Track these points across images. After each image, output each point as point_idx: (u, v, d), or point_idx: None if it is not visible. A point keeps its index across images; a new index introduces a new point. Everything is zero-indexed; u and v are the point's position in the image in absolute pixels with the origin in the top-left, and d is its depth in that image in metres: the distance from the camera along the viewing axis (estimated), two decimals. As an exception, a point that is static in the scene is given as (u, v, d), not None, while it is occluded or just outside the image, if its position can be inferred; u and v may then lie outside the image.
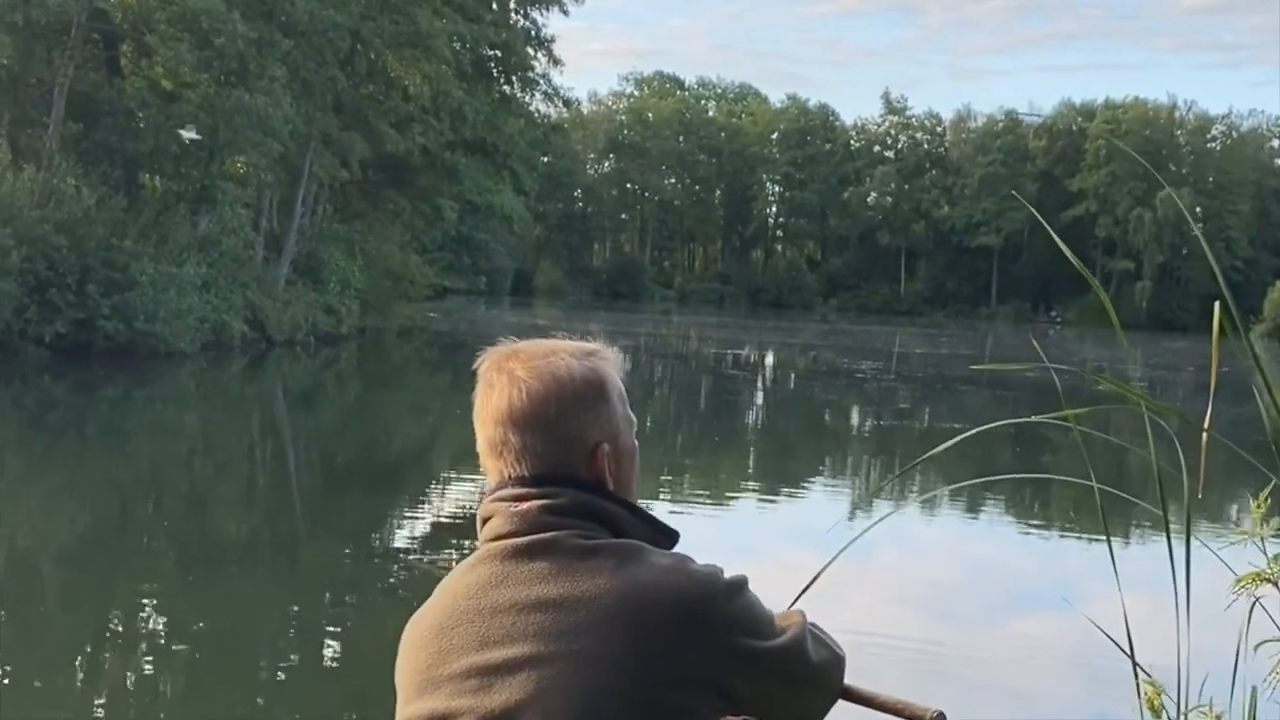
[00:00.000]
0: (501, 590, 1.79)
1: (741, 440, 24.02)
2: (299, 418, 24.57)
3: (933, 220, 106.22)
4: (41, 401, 23.41)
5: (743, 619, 1.80)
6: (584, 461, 1.87)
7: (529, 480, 1.86)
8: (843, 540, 2.98)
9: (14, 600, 9.97)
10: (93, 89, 31.61)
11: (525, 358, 1.89)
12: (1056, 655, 9.50)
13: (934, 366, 45.58)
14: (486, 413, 1.88)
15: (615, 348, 1.99)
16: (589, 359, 1.91)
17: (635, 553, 1.80)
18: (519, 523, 1.83)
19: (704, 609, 1.76)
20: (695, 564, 1.83)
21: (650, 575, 1.77)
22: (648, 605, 1.74)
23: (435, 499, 16.09)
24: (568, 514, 1.83)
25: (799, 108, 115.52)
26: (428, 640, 1.83)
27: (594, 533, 1.82)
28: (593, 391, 1.89)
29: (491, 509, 1.87)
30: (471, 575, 1.84)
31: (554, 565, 1.78)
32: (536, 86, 49.95)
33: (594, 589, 1.75)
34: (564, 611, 1.74)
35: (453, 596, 1.84)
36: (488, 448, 1.89)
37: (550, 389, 1.85)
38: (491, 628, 1.78)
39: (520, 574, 1.79)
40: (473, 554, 1.87)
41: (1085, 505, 16.23)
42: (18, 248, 25.95)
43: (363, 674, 8.49)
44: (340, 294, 39.80)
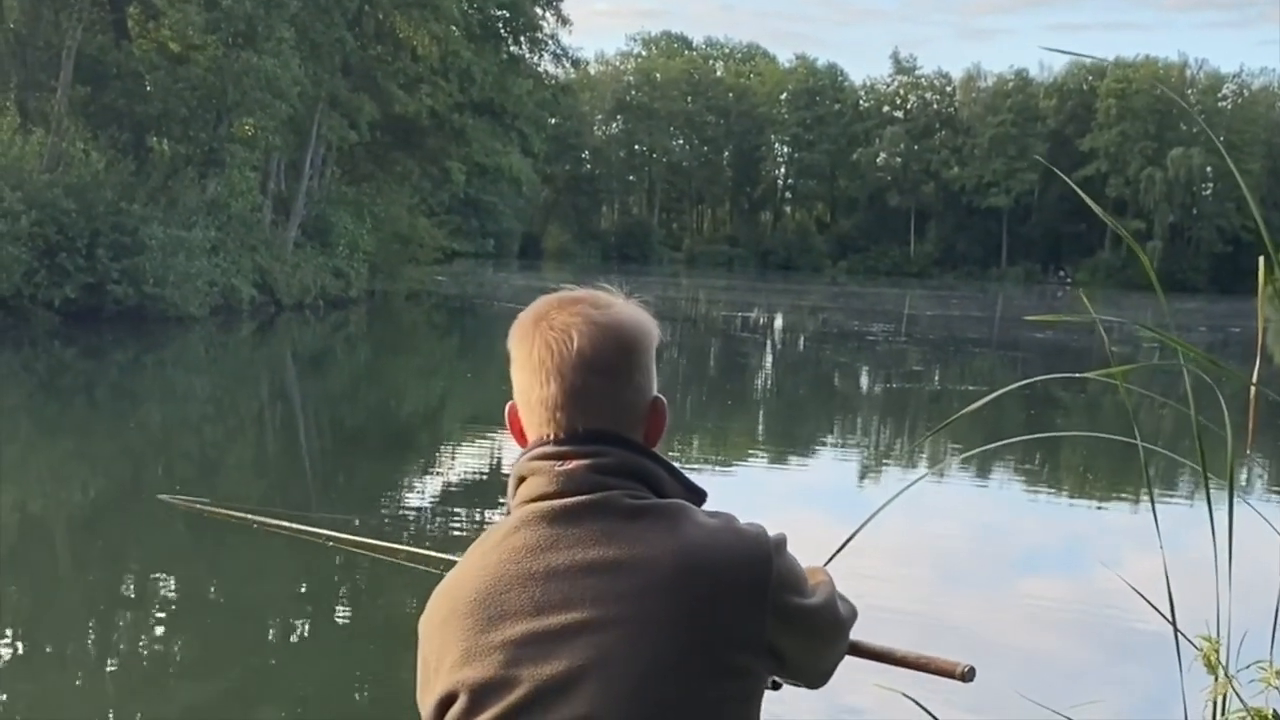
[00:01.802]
0: (552, 554, 1.74)
1: (752, 403, 23.99)
2: (308, 381, 24.57)
3: (942, 181, 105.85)
4: (51, 366, 23.43)
5: (790, 577, 1.79)
6: (641, 416, 1.85)
7: (574, 438, 1.81)
8: (859, 501, 2.94)
9: (25, 565, 9.99)
10: (100, 52, 31.52)
11: (588, 306, 1.84)
12: (1075, 618, 9.49)
13: (945, 328, 45.50)
14: (539, 363, 1.82)
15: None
16: (641, 312, 1.88)
17: (683, 513, 1.77)
18: (565, 483, 1.78)
19: (760, 569, 1.74)
20: (741, 523, 1.81)
21: (704, 536, 1.74)
22: (706, 566, 1.71)
23: (445, 463, 16.09)
24: (614, 473, 1.79)
25: (807, 68, 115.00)
26: (473, 607, 1.76)
27: (640, 493, 1.79)
28: (650, 344, 1.86)
29: (531, 468, 1.82)
30: (517, 539, 1.77)
31: (605, 527, 1.74)
32: (545, 47, 49.77)
33: (650, 551, 1.71)
34: (620, 574, 1.71)
35: (497, 562, 1.77)
36: (537, 401, 1.83)
37: (621, 339, 1.82)
38: (546, 592, 1.72)
39: (570, 536, 1.74)
40: (511, 516, 1.81)
41: (1099, 466, 16.24)
42: (27, 212, 25.94)
43: (372, 641, 8.51)
44: (349, 257, 39.79)
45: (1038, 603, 9.99)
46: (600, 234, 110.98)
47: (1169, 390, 2.94)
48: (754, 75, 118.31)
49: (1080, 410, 20.85)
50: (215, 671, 7.77)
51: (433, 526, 11.97)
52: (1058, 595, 10.16)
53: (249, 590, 9.46)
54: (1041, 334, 40.56)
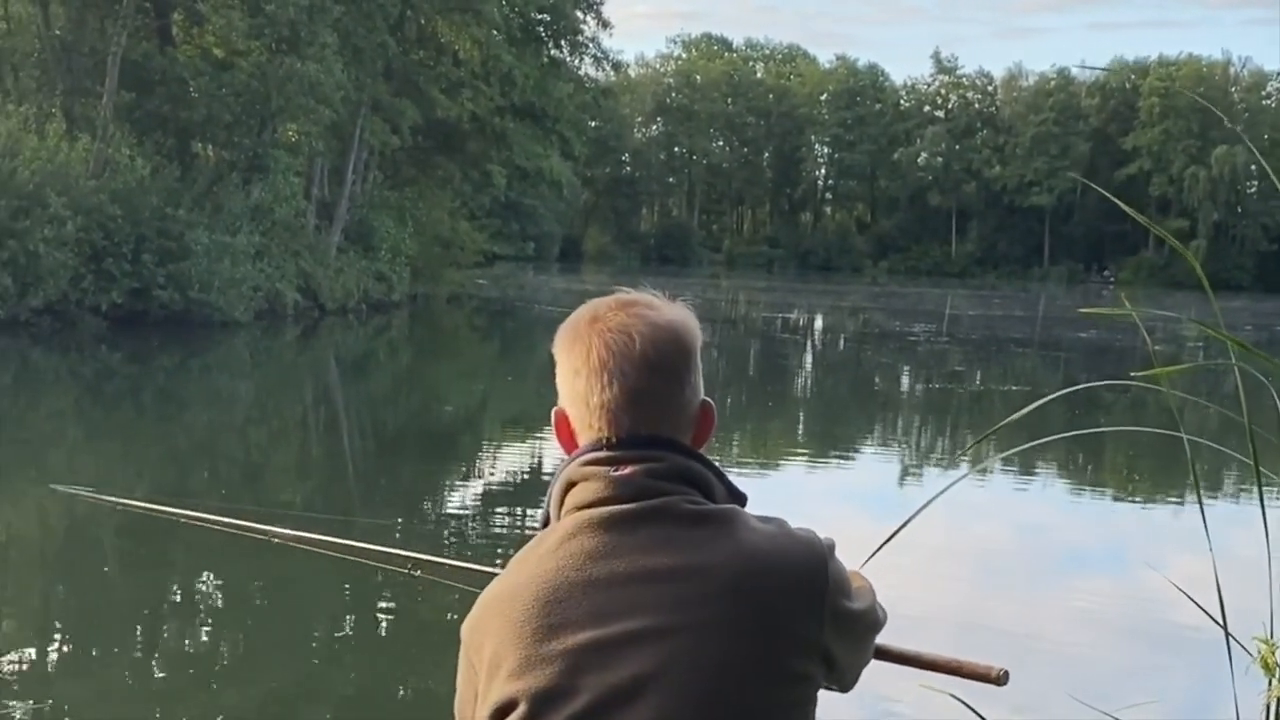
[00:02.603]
0: (613, 561, 1.72)
1: (792, 404, 23.97)
2: (351, 385, 24.70)
3: (984, 180, 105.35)
4: (98, 370, 23.64)
5: (842, 582, 1.79)
6: (693, 418, 1.83)
7: (627, 443, 1.79)
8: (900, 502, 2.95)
9: (72, 567, 10.10)
10: (145, 58, 31.75)
11: (642, 308, 1.82)
12: (1119, 620, 9.44)
13: (986, 328, 45.29)
14: (591, 367, 1.79)
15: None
16: (690, 314, 1.87)
17: (739, 518, 1.76)
18: (622, 489, 1.76)
19: (817, 574, 1.74)
20: (793, 528, 1.80)
21: (763, 541, 1.73)
22: (767, 572, 1.71)
23: (487, 465, 16.15)
24: (670, 478, 1.77)
25: (848, 68, 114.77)
26: (530, 615, 1.72)
27: (694, 498, 1.77)
28: (697, 349, 1.85)
29: (584, 473, 1.79)
30: (574, 545, 1.74)
31: (665, 533, 1.72)
32: (585, 50, 49.75)
33: (711, 557, 1.70)
34: (683, 581, 1.69)
35: (555, 569, 1.74)
36: (589, 405, 1.80)
37: (676, 341, 1.81)
38: (608, 600, 1.70)
39: (630, 543, 1.72)
40: (564, 522, 1.78)
41: (1143, 466, 16.14)
42: (74, 217, 26.16)
43: (415, 643, 8.55)
44: (391, 261, 39.94)
45: (1083, 603, 9.94)
46: (640, 236, 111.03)
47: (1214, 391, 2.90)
48: (794, 76, 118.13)
49: (1124, 410, 20.71)
50: (259, 674, 7.83)
51: (475, 529, 12.02)
52: (1103, 595, 10.11)
53: (292, 594, 9.52)
54: (1084, 333, 40.32)
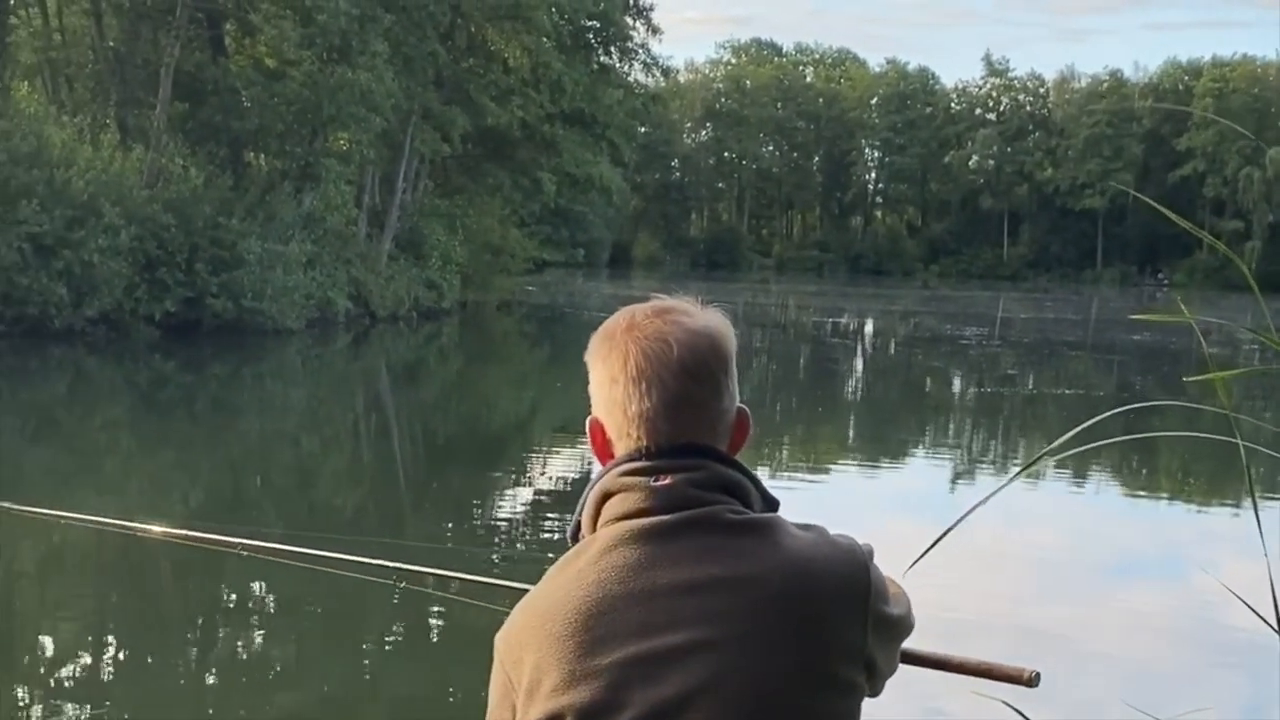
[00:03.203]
0: (656, 572, 1.69)
1: (842, 408, 23.90)
2: (403, 393, 24.83)
3: (1036, 183, 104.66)
4: (152, 379, 23.87)
5: (882, 589, 1.77)
6: (730, 426, 1.81)
7: (666, 452, 1.76)
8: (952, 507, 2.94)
9: (127, 574, 10.20)
10: (198, 68, 32.07)
11: (678, 315, 1.80)
12: (1172, 624, 9.36)
13: (1039, 331, 44.99)
14: (628, 375, 1.77)
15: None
16: (725, 320, 1.84)
17: (781, 527, 1.74)
18: (663, 499, 1.73)
19: (860, 581, 1.72)
20: (832, 534, 1.78)
21: (807, 550, 1.71)
22: (812, 581, 1.69)
23: (536, 471, 16.19)
24: (710, 488, 1.74)
25: (898, 71, 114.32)
26: (573, 629, 1.69)
27: (734, 507, 1.74)
28: (732, 355, 1.83)
29: (622, 483, 1.76)
30: (615, 557, 1.71)
31: (708, 543, 1.70)
32: (635, 56, 49.81)
33: (756, 567, 1.68)
34: (729, 592, 1.67)
35: (596, 581, 1.70)
36: (627, 414, 1.78)
37: (713, 348, 1.79)
38: (653, 613, 1.67)
39: (673, 554, 1.69)
40: (603, 534, 1.75)
41: (1198, 470, 15.99)
42: (128, 227, 26.44)
43: (467, 649, 8.58)
44: (441, 269, 40.10)
45: (1137, 608, 9.87)
46: (689, 241, 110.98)
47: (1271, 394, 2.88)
48: (844, 80, 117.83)
49: (1178, 414, 20.52)
50: (313, 680, 7.89)
51: (525, 535, 12.06)
52: (1157, 600, 10.03)
53: (344, 600, 9.58)
54: (1138, 335, 39.99)
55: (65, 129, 27.83)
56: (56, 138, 26.90)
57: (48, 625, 8.90)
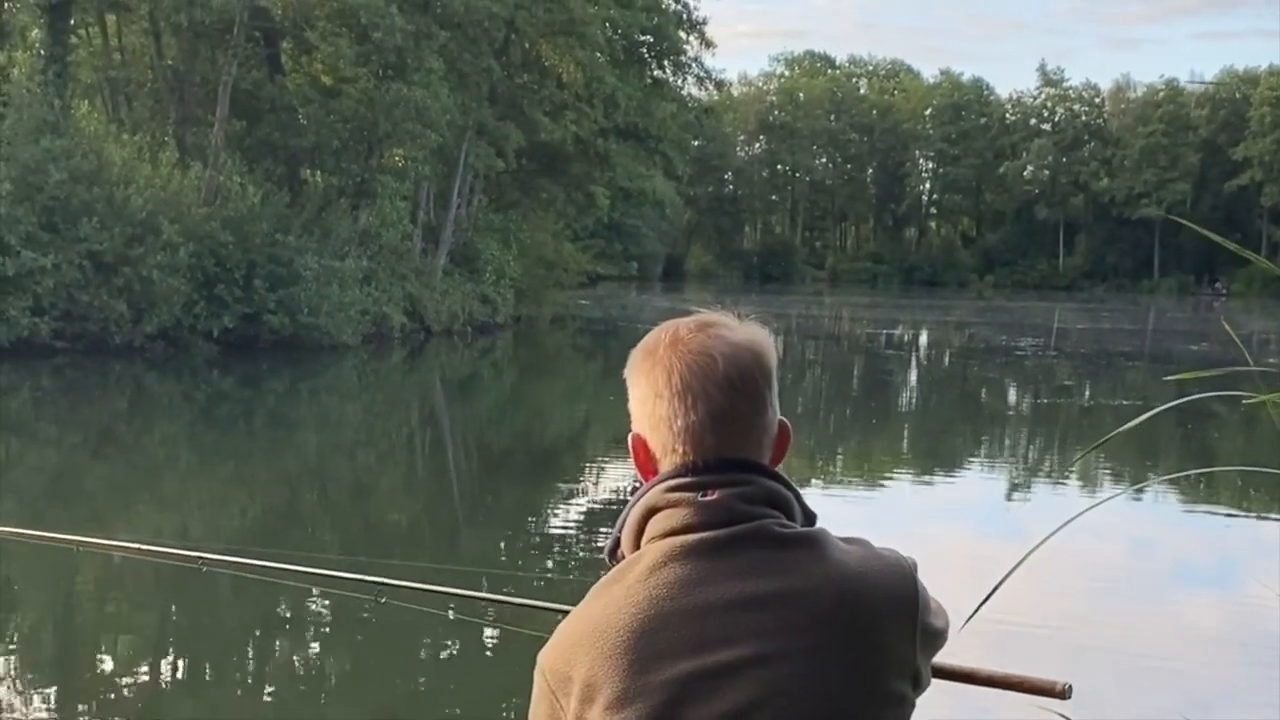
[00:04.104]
0: (709, 588, 1.68)
1: (897, 420, 23.80)
2: (457, 407, 24.96)
3: (1092, 193, 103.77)
4: (211, 395, 24.10)
5: (928, 601, 1.77)
6: (770, 441, 1.80)
7: (714, 466, 1.74)
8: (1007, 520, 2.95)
9: (185, 588, 10.30)
10: (255, 86, 32.39)
11: (718, 329, 1.78)
12: (1225, 634, 9.28)
13: (1095, 342, 44.64)
14: (671, 389, 1.75)
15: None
16: (765, 334, 1.83)
17: (827, 540, 1.73)
18: (712, 514, 1.71)
19: (910, 595, 1.73)
20: (877, 548, 1.78)
21: (858, 564, 1.71)
22: (865, 595, 1.68)
23: (590, 484, 16.23)
24: (758, 502, 1.73)
25: (952, 82, 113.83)
26: (626, 646, 1.68)
27: (781, 521, 1.73)
28: (773, 368, 1.81)
29: (668, 499, 1.75)
30: (666, 574, 1.70)
31: (759, 559, 1.69)
32: (688, 70, 49.90)
33: (808, 582, 1.67)
34: (782, 607, 1.66)
35: (647, 599, 1.69)
36: (672, 429, 1.76)
37: (754, 363, 1.77)
38: (707, 629, 1.66)
39: (724, 569, 1.68)
40: (651, 550, 1.73)
41: (1257, 482, 15.81)
42: (186, 244, 26.74)
43: (522, 664, 8.61)
44: (496, 283, 40.29)
45: (1193, 619, 9.80)
46: (743, 254, 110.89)
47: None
48: (898, 92, 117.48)
49: (1236, 426, 20.34)
50: (368, 694, 7.94)
51: (578, 546, 12.09)
52: (1214, 612, 9.95)
53: (400, 613, 9.63)
54: (1196, 346, 39.62)
55: (125, 147, 28.17)
56: (116, 156, 27.25)
57: (105, 641, 9.02)
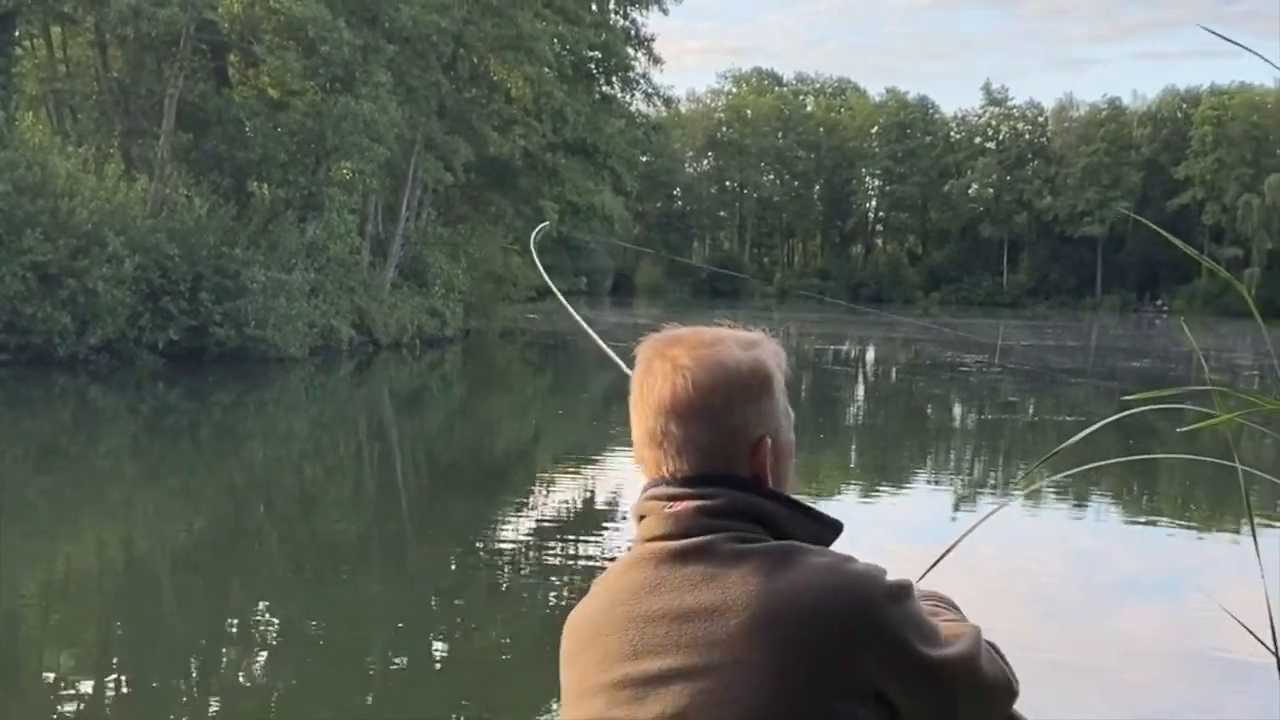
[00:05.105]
0: (655, 597, 1.73)
1: (844, 436, 23.92)
2: (406, 420, 24.87)
3: (1035, 211, 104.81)
4: (156, 407, 23.90)
5: (906, 624, 1.71)
6: (745, 455, 1.80)
7: (685, 479, 1.79)
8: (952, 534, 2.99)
9: (131, 602, 10.24)
10: (201, 99, 32.23)
11: (690, 345, 1.82)
12: (1172, 647, 9.40)
13: (1039, 358, 45.02)
14: (647, 402, 1.81)
15: (778, 337, 1.93)
16: (754, 349, 1.85)
17: (789, 555, 1.72)
18: (673, 525, 1.76)
19: (860, 612, 1.68)
20: (855, 564, 1.73)
21: (803, 578, 1.69)
22: (799, 611, 1.66)
23: (539, 498, 16.22)
24: (724, 515, 1.75)
25: (898, 101, 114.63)
26: (587, 645, 1.78)
27: (752, 534, 1.75)
28: (758, 383, 1.82)
29: (646, 508, 1.81)
30: (627, 579, 1.78)
31: (707, 571, 1.71)
32: (636, 86, 50.07)
33: (744, 596, 1.68)
34: (715, 620, 1.68)
35: (609, 602, 1.78)
36: (646, 439, 1.81)
37: (717, 379, 1.78)
38: (645, 636, 1.72)
39: (674, 580, 1.73)
40: (628, 554, 1.82)
41: (1198, 495, 16.01)
42: (131, 256, 26.52)
43: (471, 675, 8.62)
44: (444, 297, 40.18)
45: (1136, 631, 9.91)
46: (692, 270, 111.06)
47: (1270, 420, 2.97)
48: (844, 110, 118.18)
49: (1179, 439, 20.56)
50: (315, 708, 7.90)
51: (527, 560, 12.10)
52: (1155, 624, 10.08)
53: (348, 626, 9.63)
54: (1138, 363, 40.07)
55: (70, 159, 27.91)
56: (61, 168, 26.98)
57: (49, 653, 8.95)
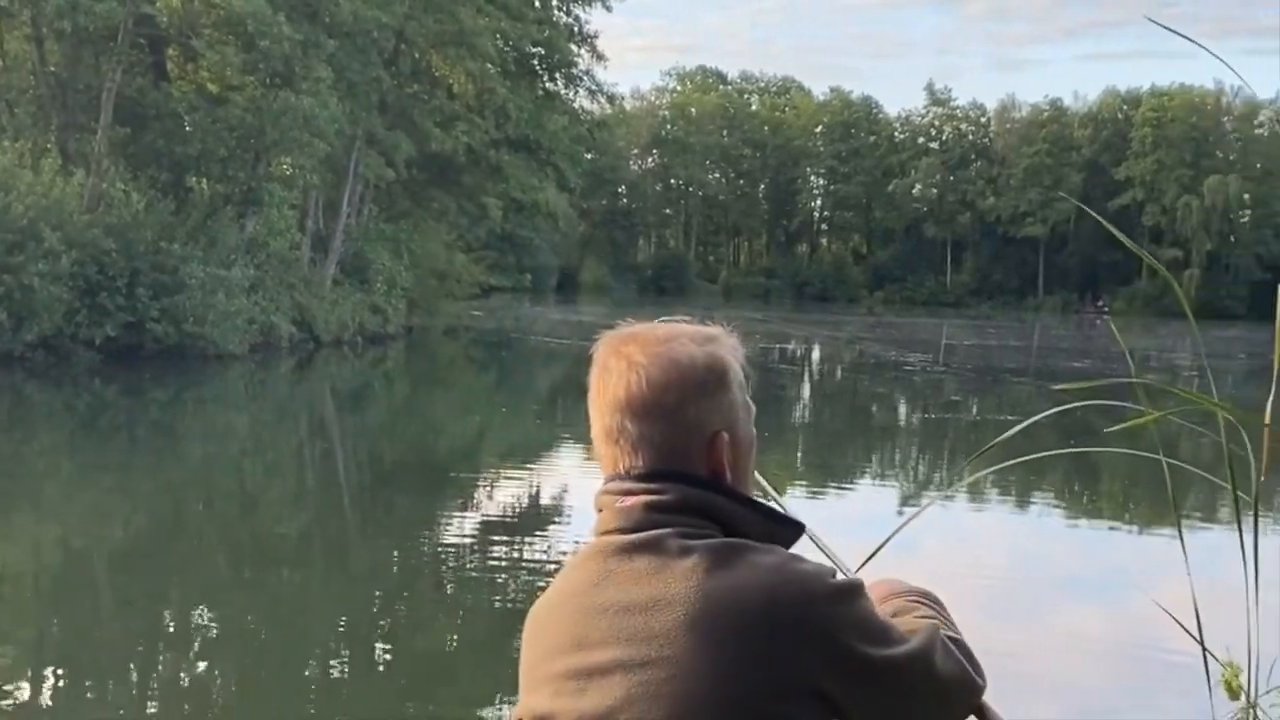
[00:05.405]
0: (602, 590, 1.75)
1: (789, 435, 23.95)
2: (347, 417, 24.70)
3: (978, 211, 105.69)
4: (92, 404, 23.62)
5: (850, 623, 1.71)
6: (701, 451, 1.80)
7: (639, 475, 1.80)
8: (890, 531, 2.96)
9: (67, 602, 10.07)
10: (140, 93, 31.86)
11: (644, 342, 1.82)
12: (1106, 645, 9.43)
13: (982, 358, 45.34)
14: (603, 400, 1.81)
15: (734, 331, 1.91)
16: (710, 344, 1.84)
17: (735, 551, 1.72)
18: (624, 519, 1.78)
19: (801, 611, 1.67)
20: (801, 563, 1.73)
21: (746, 575, 1.69)
22: (738, 608, 1.67)
23: (483, 496, 16.12)
24: (675, 511, 1.76)
25: (842, 100, 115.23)
26: (536, 636, 1.82)
27: (702, 530, 1.75)
28: (714, 379, 1.82)
29: (602, 502, 1.83)
30: (578, 572, 1.80)
31: (653, 565, 1.72)
32: (580, 83, 49.93)
33: (685, 591, 1.69)
34: (656, 613, 1.69)
35: (560, 594, 1.81)
36: (603, 435, 1.82)
37: (671, 376, 1.78)
38: (589, 628, 1.74)
39: (621, 573, 1.74)
40: (585, 546, 1.83)
41: (1135, 495, 16.14)
42: (68, 252, 26.19)
43: (413, 673, 8.53)
44: (387, 293, 39.99)
45: (1074, 629, 9.94)
46: (637, 267, 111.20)
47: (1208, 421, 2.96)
48: (789, 109, 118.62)
49: (1120, 440, 20.72)
50: (256, 707, 7.81)
51: (471, 559, 12.01)
52: (1095, 622, 10.11)
53: (289, 625, 9.51)
54: (1079, 363, 40.38)
55: (5, 154, 27.53)
56: (-3, 162, 26.64)
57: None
